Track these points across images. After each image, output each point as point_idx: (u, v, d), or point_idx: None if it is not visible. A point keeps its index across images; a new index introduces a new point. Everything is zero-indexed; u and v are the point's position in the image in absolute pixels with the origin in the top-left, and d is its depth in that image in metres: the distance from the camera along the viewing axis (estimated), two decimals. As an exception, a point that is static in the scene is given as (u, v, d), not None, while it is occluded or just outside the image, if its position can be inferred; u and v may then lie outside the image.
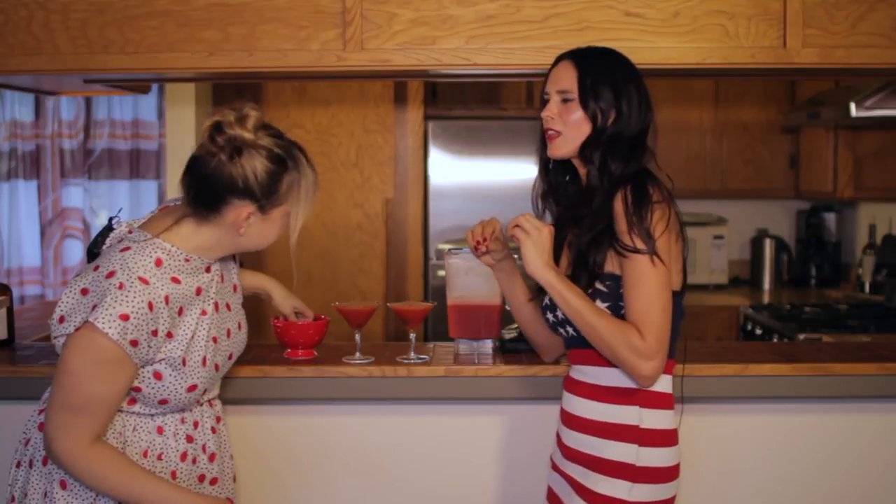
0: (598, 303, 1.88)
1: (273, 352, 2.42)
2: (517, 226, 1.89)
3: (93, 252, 1.84)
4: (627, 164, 1.92)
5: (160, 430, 1.82)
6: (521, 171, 4.37)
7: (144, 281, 1.69)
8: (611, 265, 1.88)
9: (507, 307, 2.32)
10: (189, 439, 1.86)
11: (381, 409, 2.39)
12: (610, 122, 1.93)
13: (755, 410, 2.41)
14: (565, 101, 1.94)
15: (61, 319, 1.71)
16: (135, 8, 2.35)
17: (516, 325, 2.45)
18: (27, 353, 2.46)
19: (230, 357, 1.92)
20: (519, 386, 2.28)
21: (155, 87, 4.41)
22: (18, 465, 1.84)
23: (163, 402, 1.78)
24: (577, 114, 1.93)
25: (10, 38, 2.37)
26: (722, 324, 4.59)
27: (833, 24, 2.33)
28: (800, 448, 2.41)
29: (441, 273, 4.28)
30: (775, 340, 3.87)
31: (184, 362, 1.77)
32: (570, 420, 1.96)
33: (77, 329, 1.68)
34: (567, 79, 1.94)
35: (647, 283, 1.81)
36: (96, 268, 1.73)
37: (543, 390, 2.27)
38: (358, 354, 2.34)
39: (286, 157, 1.77)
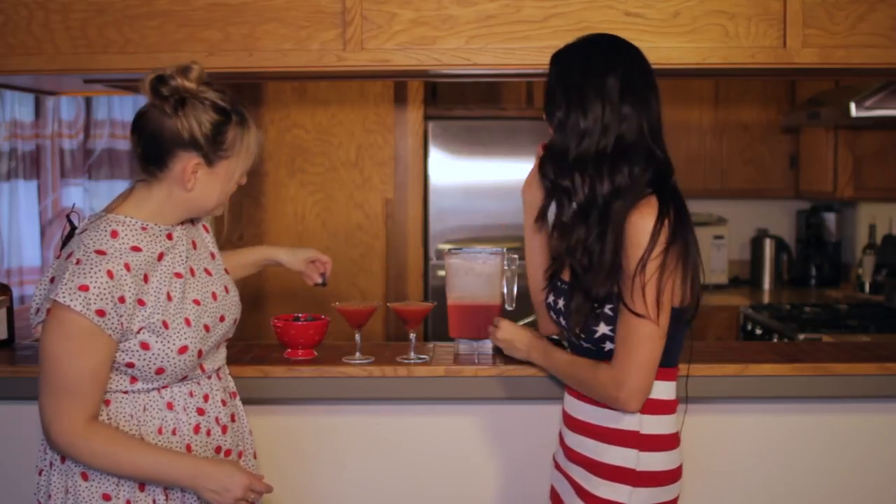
0: (603, 326, 1.84)
1: (273, 352, 2.42)
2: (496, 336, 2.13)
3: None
4: (611, 183, 1.79)
5: (170, 406, 1.82)
6: (522, 171, 4.33)
7: (101, 252, 1.71)
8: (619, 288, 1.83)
9: (508, 307, 2.33)
10: (200, 412, 1.86)
11: (381, 409, 2.39)
12: (568, 131, 1.82)
13: (755, 410, 2.41)
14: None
15: (37, 311, 1.75)
16: (135, 8, 2.35)
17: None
18: (27, 353, 2.46)
19: (222, 319, 1.90)
20: (518, 386, 2.28)
21: (155, 87, 4.41)
22: (41, 472, 1.84)
23: (160, 371, 1.78)
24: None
25: (10, 38, 2.37)
26: (722, 324, 4.59)
27: (833, 24, 2.33)
28: (800, 448, 2.41)
29: (441, 273, 4.28)
30: (775, 340, 3.87)
31: (165, 325, 1.76)
32: (571, 422, 1.97)
33: (47, 312, 1.70)
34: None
35: (635, 339, 1.78)
36: (58, 256, 1.78)
37: (543, 391, 2.27)
38: (358, 354, 2.34)
39: (230, 109, 1.78)
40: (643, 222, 1.76)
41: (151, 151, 1.77)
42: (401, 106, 4.34)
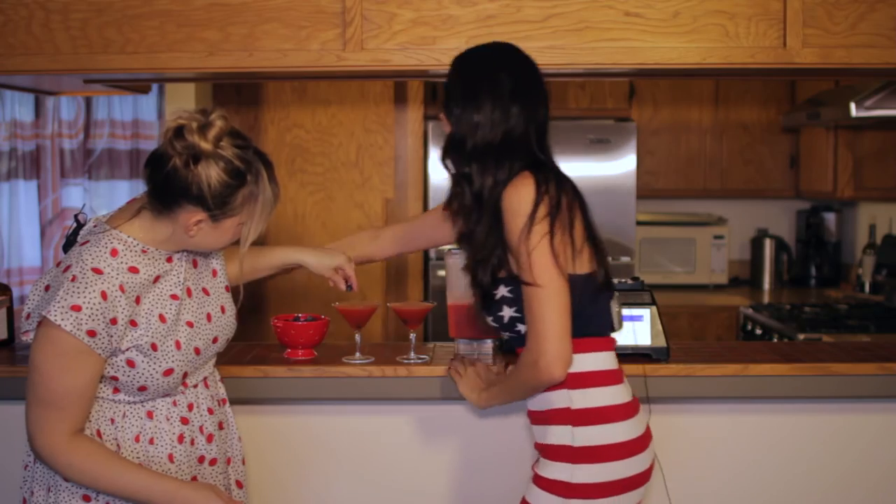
0: (506, 309, 1.92)
1: (273, 352, 2.42)
2: (454, 370, 2.16)
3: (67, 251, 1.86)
4: (489, 170, 1.91)
5: (150, 415, 1.82)
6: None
7: (98, 271, 1.71)
8: (513, 265, 1.89)
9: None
10: (184, 421, 1.86)
11: (381, 409, 2.39)
12: (463, 124, 1.93)
13: (755, 410, 2.41)
14: None
15: (27, 316, 1.76)
16: (135, 8, 2.35)
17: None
18: (27, 353, 2.45)
19: (215, 340, 1.90)
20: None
21: (155, 87, 4.42)
22: (26, 467, 1.86)
23: (142, 388, 1.78)
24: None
25: (10, 38, 2.37)
26: (722, 324, 4.59)
27: (833, 24, 2.33)
28: (800, 448, 2.41)
29: (441, 273, 4.28)
30: (775, 340, 3.87)
31: (154, 347, 1.76)
32: (528, 414, 2.02)
33: (38, 325, 1.71)
34: None
35: (536, 309, 1.84)
36: (58, 264, 1.77)
37: (543, 390, 2.27)
38: (358, 354, 2.34)
39: (246, 170, 1.75)
40: (518, 194, 1.85)
41: (159, 193, 1.75)
42: (401, 106, 4.34)
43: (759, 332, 4.18)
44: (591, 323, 1.94)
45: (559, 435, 1.91)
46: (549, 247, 1.83)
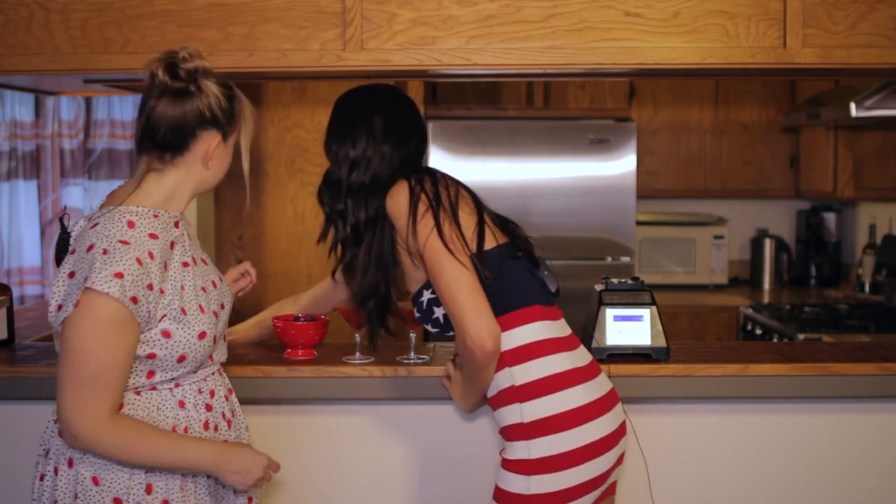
0: (437, 310, 2.00)
1: (273, 352, 2.42)
2: (446, 376, 2.19)
3: (61, 257, 1.83)
4: (364, 204, 2.05)
5: (182, 405, 1.83)
6: (521, 171, 4.37)
7: (125, 242, 1.71)
8: (423, 272, 1.98)
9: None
10: (208, 408, 1.88)
11: (381, 409, 2.39)
12: (340, 163, 2.09)
13: (755, 410, 2.41)
14: None
15: (59, 308, 1.72)
16: (135, 8, 2.35)
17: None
18: (27, 353, 2.46)
19: (222, 307, 1.93)
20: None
21: (155, 87, 4.41)
22: (42, 478, 1.81)
23: (181, 358, 1.78)
24: None
25: (10, 38, 2.36)
26: (722, 324, 4.59)
27: (833, 24, 2.33)
28: (800, 448, 2.41)
29: (441, 273, 4.27)
30: (775, 340, 3.87)
31: (184, 311, 1.78)
32: (488, 404, 2.06)
33: (76, 304, 1.67)
34: None
35: (445, 293, 1.90)
36: (73, 251, 1.75)
37: (543, 390, 2.27)
38: (358, 354, 2.34)
39: (226, 82, 1.85)
40: (395, 200, 1.98)
41: (172, 137, 1.78)
42: (401, 106, 4.34)
43: (759, 332, 4.18)
44: (514, 295, 1.96)
45: (510, 414, 1.95)
46: (439, 238, 1.91)
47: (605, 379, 2.01)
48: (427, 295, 2.02)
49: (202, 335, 1.80)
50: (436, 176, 2.02)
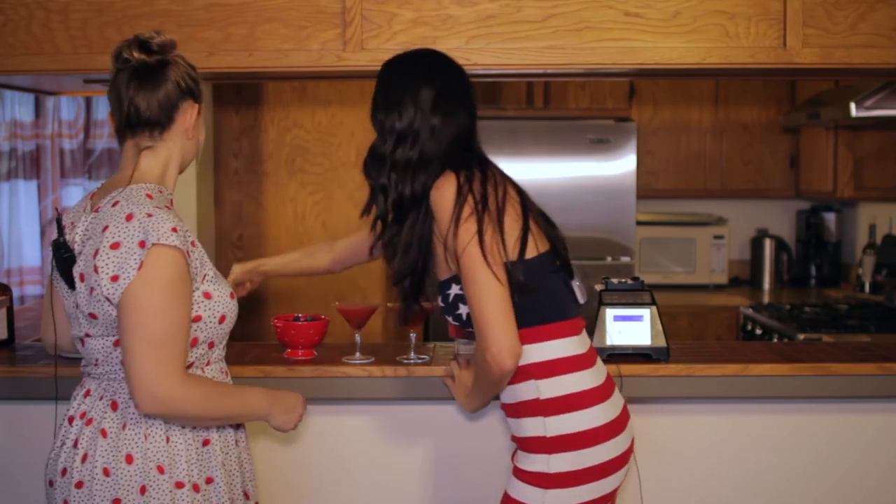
0: (462, 307, 1.96)
1: (273, 352, 2.42)
2: (448, 375, 2.17)
3: (61, 255, 1.81)
4: (411, 180, 1.94)
5: None
6: (521, 171, 4.33)
7: (159, 208, 1.75)
8: (453, 268, 1.92)
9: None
10: None
11: (381, 409, 2.39)
12: (386, 134, 1.96)
13: (755, 410, 2.41)
14: None
15: (114, 278, 1.69)
16: (135, 8, 2.35)
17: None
18: (27, 353, 2.46)
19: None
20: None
21: (155, 87, 4.41)
22: (80, 484, 1.75)
23: (222, 319, 1.81)
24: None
25: (10, 38, 2.37)
26: (722, 324, 4.59)
27: (833, 24, 2.33)
28: (800, 448, 2.41)
29: (441, 273, 4.27)
30: (775, 340, 3.87)
31: (216, 274, 1.83)
32: (502, 408, 2.03)
33: (139, 266, 1.67)
34: None
35: (476, 301, 1.85)
36: (105, 228, 1.73)
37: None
38: (358, 354, 2.34)
39: (176, 51, 1.88)
40: (440, 196, 1.88)
41: (159, 112, 1.81)
42: (401, 106, 4.34)
43: (759, 332, 4.18)
44: (550, 308, 1.93)
45: (532, 427, 1.92)
46: (479, 245, 1.84)
47: (618, 396, 2.00)
48: (455, 290, 1.96)
49: (232, 295, 1.85)
50: (486, 173, 1.92)
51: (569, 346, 1.94)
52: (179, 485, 1.75)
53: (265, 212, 4.31)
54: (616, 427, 1.94)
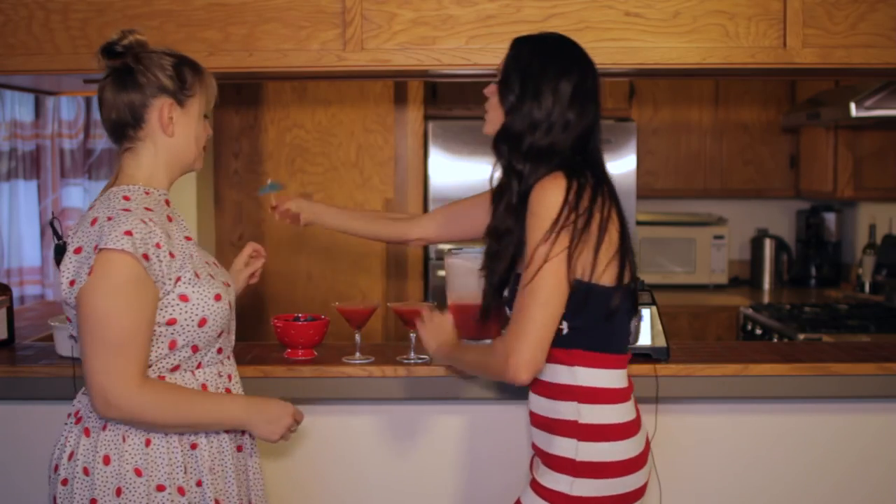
0: None
1: (273, 352, 2.42)
2: (420, 317, 2.11)
3: (59, 260, 1.84)
4: (536, 170, 1.88)
5: (204, 388, 1.83)
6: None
7: (126, 210, 1.75)
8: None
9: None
10: (227, 391, 1.89)
11: (381, 409, 2.39)
12: (521, 118, 1.90)
13: (755, 410, 2.41)
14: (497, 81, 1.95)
15: (72, 283, 1.72)
16: (135, 8, 2.35)
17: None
18: (27, 353, 2.46)
19: (227, 284, 1.92)
20: (518, 386, 2.28)
21: (155, 87, 4.41)
22: (65, 482, 1.77)
23: (202, 322, 1.78)
24: (495, 98, 1.95)
25: (10, 38, 2.37)
26: (722, 324, 4.59)
27: (833, 24, 2.33)
28: (800, 448, 2.41)
29: (441, 273, 4.28)
30: (775, 340, 3.87)
31: (197, 275, 1.79)
32: (530, 417, 2.00)
33: (90, 271, 1.68)
34: (503, 59, 1.95)
35: (526, 310, 1.80)
36: (75, 233, 1.78)
37: (543, 390, 2.27)
38: (358, 354, 2.34)
39: (176, 52, 1.87)
40: (546, 196, 1.82)
41: (128, 113, 1.81)
42: (401, 106, 4.34)
43: (759, 332, 4.18)
44: (610, 340, 1.90)
45: (563, 447, 1.88)
46: (567, 261, 1.79)
47: (644, 430, 1.99)
48: None
49: (218, 297, 1.81)
50: (596, 189, 1.86)
51: (616, 378, 1.92)
52: (160, 488, 1.74)
53: (265, 212, 4.31)
54: (640, 461, 1.92)
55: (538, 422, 1.96)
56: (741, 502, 2.42)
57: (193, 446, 1.79)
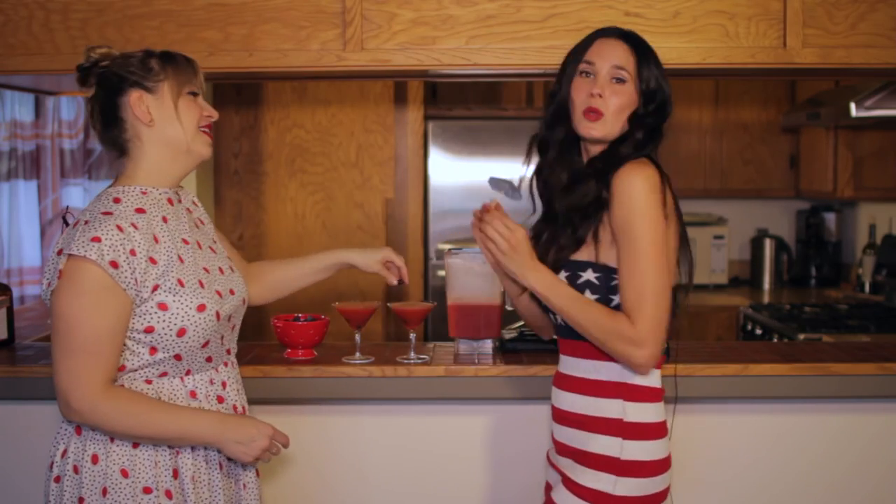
0: (588, 294, 1.85)
1: (273, 352, 2.42)
2: (489, 238, 1.89)
3: None
4: (644, 146, 1.92)
5: (193, 395, 1.82)
6: (521, 171, 4.36)
7: (108, 213, 1.74)
8: (605, 255, 1.85)
9: (508, 307, 2.31)
10: (220, 399, 1.87)
11: (381, 409, 2.39)
12: (653, 108, 1.92)
13: (755, 410, 2.41)
14: (618, 80, 1.88)
15: (48, 284, 1.74)
16: (135, 8, 2.35)
17: (516, 325, 2.45)
18: (27, 353, 2.46)
19: (232, 292, 1.90)
20: (519, 386, 2.28)
21: (155, 87, 4.41)
22: (58, 479, 1.77)
23: (181, 332, 1.76)
24: (628, 96, 1.89)
25: (10, 38, 2.37)
26: (722, 324, 4.59)
27: (833, 24, 2.33)
28: (800, 448, 2.41)
29: (441, 273, 4.28)
30: (775, 340, 3.87)
31: (181, 283, 1.77)
32: (559, 415, 1.95)
33: (59, 275, 1.70)
34: (623, 57, 1.88)
35: (643, 266, 1.78)
36: (63, 233, 1.80)
37: (543, 391, 2.26)
38: (358, 354, 2.34)
39: (148, 49, 1.87)
40: (647, 178, 1.83)
41: (106, 119, 1.82)
42: (401, 106, 4.34)
43: (759, 332, 4.18)
44: (664, 338, 1.88)
45: (606, 445, 1.86)
46: (676, 238, 1.86)
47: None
48: (590, 275, 1.86)
49: (202, 307, 1.78)
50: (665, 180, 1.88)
51: (657, 376, 1.91)
52: (147, 490, 1.74)
53: (265, 212, 4.32)
54: (669, 460, 1.92)
55: (573, 420, 1.91)
56: (741, 502, 2.42)
57: (178, 453, 1.79)
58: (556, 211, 1.96)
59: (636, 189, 1.81)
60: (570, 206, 1.90)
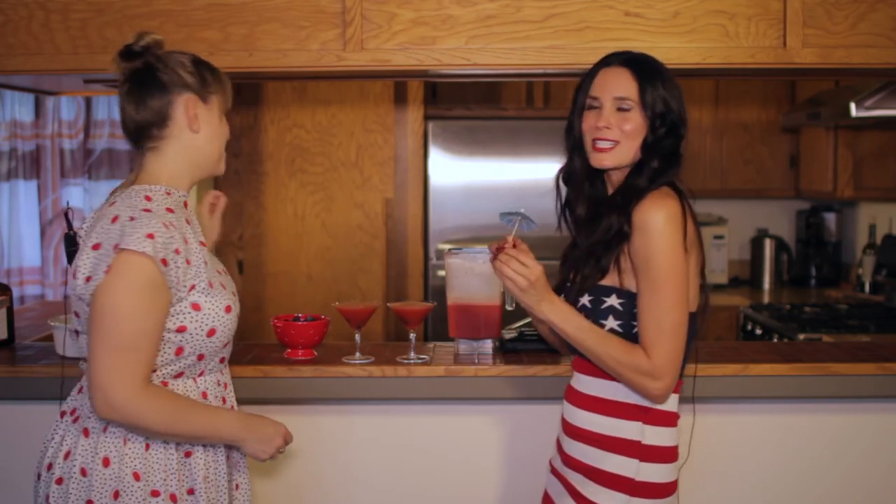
0: (611, 319, 1.85)
1: (273, 352, 2.42)
2: (507, 277, 1.86)
3: (70, 249, 1.84)
4: (662, 175, 1.89)
5: (204, 395, 1.82)
6: (522, 171, 4.37)
7: (147, 210, 1.73)
8: (629, 281, 1.85)
9: (508, 307, 2.31)
10: (223, 401, 1.88)
11: (381, 409, 2.39)
12: (664, 131, 1.88)
13: (755, 410, 2.41)
14: (621, 109, 1.88)
15: (88, 279, 1.70)
16: (135, 8, 2.35)
17: (516, 325, 2.45)
18: (27, 353, 2.46)
19: (234, 293, 1.91)
20: (519, 386, 2.28)
21: (155, 87, 4.42)
22: (60, 480, 1.76)
23: (211, 332, 1.77)
24: (634, 123, 1.87)
25: (10, 38, 2.37)
26: (722, 324, 4.58)
27: (833, 24, 2.33)
28: (800, 448, 2.41)
29: (441, 273, 4.28)
30: (775, 340, 3.87)
31: (210, 285, 1.78)
32: (571, 430, 1.94)
33: (107, 269, 1.66)
34: (625, 86, 1.88)
35: (661, 300, 1.79)
36: (92, 227, 1.76)
37: (543, 391, 2.27)
38: (358, 354, 2.34)
39: (190, 53, 1.87)
40: (667, 206, 1.82)
41: (153, 112, 1.80)
42: (401, 106, 4.34)
43: (759, 332, 4.18)
44: (682, 363, 1.89)
45: (622, 466, 1.86)
46: (698, 271, 1.86)
47: None
48: (614, 301, 1.86)
49: (228, 308, 1.80)
50: (692, 212, 1.88)
51: (675, 402, 1.92)
52: (155, 493, 1.73)
53: (265, 212, 4.32)
54: (676, 483, 1.93)
55: (588, 437, 1.90)
56: (742, 502, 2.42)
57: (188, 454, 1.79)
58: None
59: (657, 224, 1.80)
60: (593, 242, 1.90)
